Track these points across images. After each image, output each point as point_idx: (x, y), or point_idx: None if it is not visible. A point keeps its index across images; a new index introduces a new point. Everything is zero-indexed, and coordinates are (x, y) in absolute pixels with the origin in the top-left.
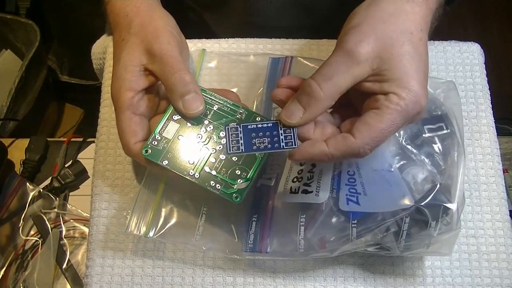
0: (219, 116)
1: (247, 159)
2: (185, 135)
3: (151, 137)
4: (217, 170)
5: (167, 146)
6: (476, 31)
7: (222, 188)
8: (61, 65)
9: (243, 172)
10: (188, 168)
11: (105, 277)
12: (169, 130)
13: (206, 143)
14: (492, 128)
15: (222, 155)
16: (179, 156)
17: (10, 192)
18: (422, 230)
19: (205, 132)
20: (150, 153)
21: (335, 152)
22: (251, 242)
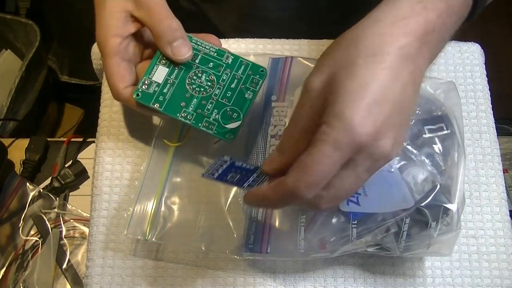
0: (207, 61)
1: (237, 100)
2: (175, 79)
3: (141, 81)
4: (209, 112)
5: (158, 89)
6: (476, 31)
7: (216, 128)
8: (61, 65)
9: (234, 113)
10: (180, 110)
11: (105, 277)
12: (158, 74)
13: (196, 86)
14: (492, 128)
15: (212, 97)
16: (170, 99)
17: (10, 192)
18: (422, 230)
19: (194, 76)
20: (141, 97)
21: (274, 195)
22: (251, 243)
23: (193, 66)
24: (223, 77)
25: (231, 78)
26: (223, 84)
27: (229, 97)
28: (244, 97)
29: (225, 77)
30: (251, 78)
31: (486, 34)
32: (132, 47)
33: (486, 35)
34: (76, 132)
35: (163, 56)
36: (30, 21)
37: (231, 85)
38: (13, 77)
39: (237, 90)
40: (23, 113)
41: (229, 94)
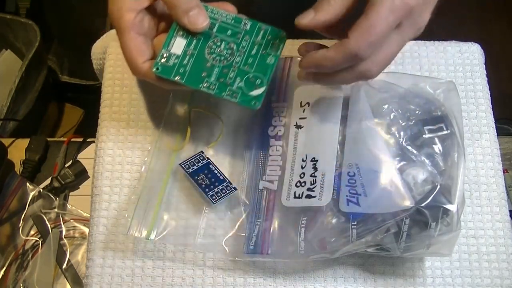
0: (225, 29)
1: (259, 66)
2: (194, 50)
3: (160, 54)
4: (231, 80)
5: (177, 61)
6: (476, 31)
7: (240, 96)
8: (61, 65)
9: (257, 79)
10: (202, 80)
11: (105, 277)
12: (177, 46)
13: (216, 55)
14: (492, 128)
15: (233, 65)
16: (191, 70)
17: (10, 192)
18: (422, 231)
19: (213, 45)
20: (161, 70)
21: (335, 55)
22: (252, 244)
23: (211, 35)
24: (243, 44)
25: (250, 44)
26: (243, 51)
27: (251, 64)
28: (266, 63)
29: (245, 44)
30: (271, 43)
31: (486, 34)
32: (147, 21)
33: (486, 35)
34: (76, 132)
35: (180, 27)
36: (30, 21)
37: (251, 51)
38: (13, 77)
39: (258, 56)
40: (23, 113)
41: (250, 61)
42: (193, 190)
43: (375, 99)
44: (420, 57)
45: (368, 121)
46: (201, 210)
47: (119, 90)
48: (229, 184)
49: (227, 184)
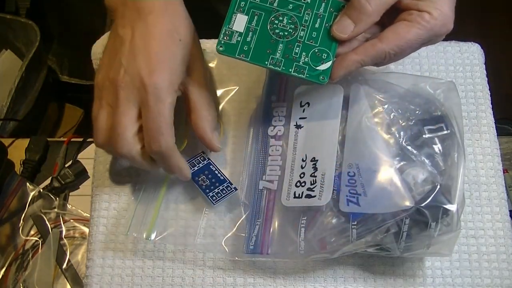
0: (285, 3)
1: (323, 40)
2: (256, 26)
3: (222, 32)
4: (297, 55)
5: (240, 39)
6: (476, 31)
7: (307, 71)
8: (61, 65)
9: (323, 53)
10: (268, 57)
11: (105, 277)
12: (238, 23)
13: (279, 30)
14: (492, 128)
15: (298, 40)
16: (255, 47)
17: (10, 192)
18: (422, 231)
19: (275, 20)
20: (225, 49)
21: (365, 58)
22: (252, 244)
23: (272, 10)
24: (305, 17)
25: (313, 18)
26: (307, 25)
27: (315, 38)
28: (330, 36)
29: (307, 18)
30: (334, 15)
31: (486, 34)
32: None
33: (486, 35)
34: (76, 132)
35: (240, 3)
36: (30, 21)
37: (314, 25)
38: (13, 77)
39: (322, 30)
40: (23, 113)
41: (314, 35)
42: (193, 190)
43: (375, 99)
44: (420, 57)
45: (368, 121)
46: (201, 210)
47: None
48: (230, 185)
49: (228, 184)
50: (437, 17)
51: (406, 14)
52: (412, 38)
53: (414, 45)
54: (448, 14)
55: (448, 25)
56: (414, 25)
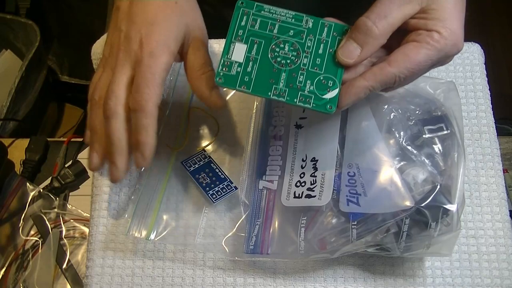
0: (286, 29)
1: (328, 67)
2: (256, 55)
3: (220, 63)
4: (302, 84)
5: (241, 69)
6: (476, 31)
7: (313, 101)
8: (61, 65)
9: (329, 81)
10: (270, 88)
11: (105, 277)
12: (237, 52)
13: (281, 58)
14: (492, 128)
15: (301, 68)
16: (257, 78)
17: (10, 192)
18: (422, 231)
19: (276, 48)
20: (224, 81)
21: (374, 84)
22: (252, 244)
23: (273, 37)
24: (308, 43)
25: (316, 43)
26: (310, 51)
27: (320, 65)
28: (335, 62)
29: (310, 44)
30: (337, 40)
31: (486, 34)
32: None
33: (486, 35)
34: (76, 132)
35: (237, 32)
36: (30, 21)
37: (318, 50)
38: (13, 77)
39: (326, 55)
40: (23, 113)
41: (318, 61)
42: (193, 190)
43: (375, 99)
44: None
45: (368, 121)
46: (201, 210)
47: None
48: (230, 183)
49: (228, 183)
50: (447, 36)
51: (414, 34)
52: (422, 60)
53: (424, 67)
54: (458, 32)
55: (458, 44)
56: (423, 46)
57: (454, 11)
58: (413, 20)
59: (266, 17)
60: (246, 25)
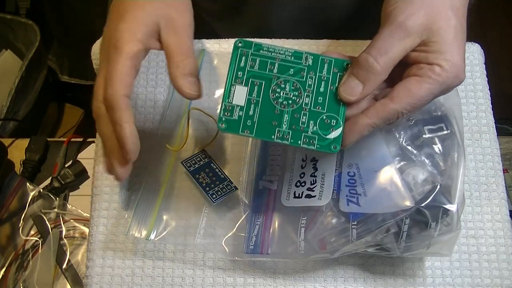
0: (286, 68)
1: (330, 105)
2: (257, 97)
3: (222, 108)
4: (305, 125)
5: (243, 113)
6: (476, 31)
7: (317, 142)
8: (61, 65)
9: (332, 120)
10: (274, 131)
11: (105, 277)
12: (238, 96)
13: (283, 99)
14: (492, 128)
15: (303, 108)
16: (259, 121)
17: (10, 192)
18: (422, 231)
19: (277, 88)
20: (227, 126)
21: (377, 121)
22: (252, 244)
23: (273, 77)
24: (308, 82)
25: (317, 81)
26: (311, 90)
27: (322, 103)
28: (337, 99)
29: (311, 82)
30: (338, 76)
31: (486, 34)
32: (141, 60)
33: (486, 35)
34: (76, 132)
35: (237, 74)
36: (30, 21)
37: (319, 89)
38: (13, 77)
39: (327, 93)
40: (23, 113)
41: (320, 100)
42: (193, 190)
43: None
44: None
45: None
46: (201, 210)
47: None
48: (230, 183)
49: (228, 183)
50: (449, 69)
51: (416, 68)
52: (424, 94)
53: (426, 101)
54: (459, 64)
55: (460, 76)
56: (425, 80)
57: (454, 43)
58: (414, 53)
59: (265, 56)
60: (246, 66)
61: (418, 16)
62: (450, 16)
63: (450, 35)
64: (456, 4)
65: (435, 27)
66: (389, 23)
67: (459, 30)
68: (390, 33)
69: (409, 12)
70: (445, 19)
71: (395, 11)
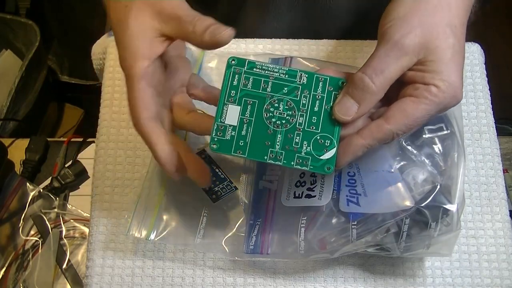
0: (280, 86)
1: (325, 125)
2: (250, 116)
3: (214, 128)
4: (298, 146)
5: (235, 133)
6: (476, 31)
7: (311, 163)
8: (61, 65)
9: (326, 140)
10: (267, 151)
11: (105, 277)
12: (231, 115)
13: (276, 119)
14: (492, 128)
15: (297, 127)
16: (252, 141)
17: (10, 192)
18: (422, 231)
19: (271, 108)
20: (219, 147)
21: (372, 142)
22: (252, 244)
23: (267, 96)
24: (303, 101)
25: (311, 100)
26: (305, 109)
27: (316, 123)
28: (332, 119)
29: (305, 101)
30: (333, 95)
31: (486, 34)
32: (158, 73)
33: (486, 35)
34: (76, 132)
35: (230, 93)
36: (30, 21)
37: (313, 108)
38: (13, 77)
39: (322, 113)
40: (23, 113)
41: (314, 120)
42: (193, 190)
43: None
44: None
45: None
46: (201, 210)
47: (119, 90)
48: (230, 183)
49: (228, 183)
50: (445, 90)
51: (411, 88)
52: (420, 115)
53: (422, 122)
54: (456, 84)
55: (457, 96)
56: (421, 101)
57: (452, 62)
58: (410, 72)
59: (258, 74)
60: (239, 85)
61: (414, 34)
62: (448, 35)
63: (447, 54)
64: (454, 22)
65: (432, 46)
66: (385, 42)
67: (457, 49)
68: (386, 52)
69: (406, 31)
70: (443, 38)
71: (391, 29)
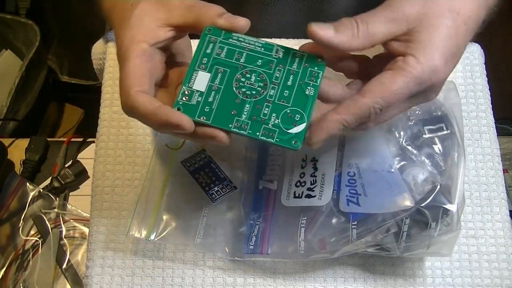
0: (254, 58)
1: (297, 100)
2: (220, 84)
3: (181, 92)
4: (266, 117)
5: (201, 99)
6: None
7: (277, 135)
8: (61, 65)
9: (296, 114)
10: (232, 120)
11: (105, 277)
12: (200, 81)
13: (246, 89)
14: (492, 128)
15: (267, 99)
16: (218, 109)
17: (10, 192)
18: (422, 231)
19: (242, 78)
20: (183, 110)
21: (348, 117)
22: (252, 244)
23: (239, 66)
24: (276, 74)
25: (285, 74)
26: (278, 82)
27: (287, 97)
28: (305, 94)
29: (279, 75)
30: (309, 72)
31: (486, 34)
32: (158, 60)
33: (486, 35)
34: (76, 132)
35: (201, 60)
36: (30, 21)
37: (287, 82)
38: (13, 77)
39: (295, 88)
40: (23, 113)
41: (286, 94)
42: (193, 190)
43: None
44: None
45: None
46: (201, 210)
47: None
48: (230, 183)
49: (228, 183)
50: (423, 61)
51: (392, 63)
52: (397, 88)
53: (401, 97)
54: (438, 62)
55: (437, 72)
56: (399, 73)
57: (441, 43)
58: (397, 43)
59: (233, 45)
60: (212, 53)
61: (413, 4)
62: (447, 17)
63: (440, 32)
64: (459, 9)
65: (426, 20)
66: (385, 4)
67: (451, 35)
68: (379, 11)
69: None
70: (440, 18)
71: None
